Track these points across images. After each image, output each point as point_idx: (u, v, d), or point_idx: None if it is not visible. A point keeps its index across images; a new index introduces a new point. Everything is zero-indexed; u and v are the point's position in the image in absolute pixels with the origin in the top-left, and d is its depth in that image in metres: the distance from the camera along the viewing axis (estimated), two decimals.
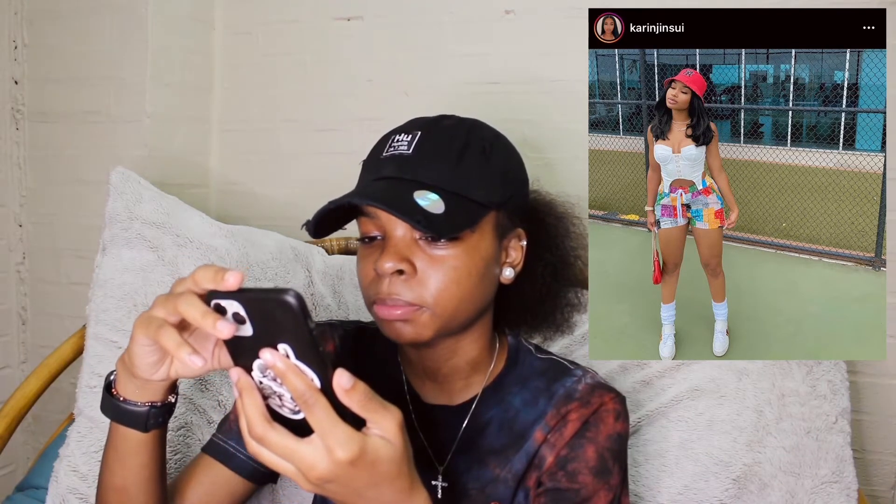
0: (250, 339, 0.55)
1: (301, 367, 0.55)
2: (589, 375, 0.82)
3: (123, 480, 0.73)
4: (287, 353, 0.54)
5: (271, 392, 0.57)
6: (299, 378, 0.54)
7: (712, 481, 1.05)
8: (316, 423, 0.55)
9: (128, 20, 1.54)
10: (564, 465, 0.77)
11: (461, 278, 0.73)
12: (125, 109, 1.57)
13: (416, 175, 0.73)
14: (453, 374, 0.82)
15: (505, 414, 0.82)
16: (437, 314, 0.73)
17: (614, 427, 0.79)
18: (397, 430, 0.58)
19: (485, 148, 0.76)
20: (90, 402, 1.12)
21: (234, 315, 0.55)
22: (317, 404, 0.54)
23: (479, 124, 0.80)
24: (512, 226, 0.80)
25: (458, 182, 0.73)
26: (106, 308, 1.16)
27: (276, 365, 0.54)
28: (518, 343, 0.87)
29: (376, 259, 0.73)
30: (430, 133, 0.75)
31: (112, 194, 1.21)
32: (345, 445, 0.55)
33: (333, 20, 1.60)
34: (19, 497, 1.18)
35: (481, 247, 0.75)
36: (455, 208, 0.71)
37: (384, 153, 0.76)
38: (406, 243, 0.73)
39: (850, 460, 1.07)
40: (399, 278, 0.72)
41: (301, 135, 1.64)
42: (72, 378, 1.22)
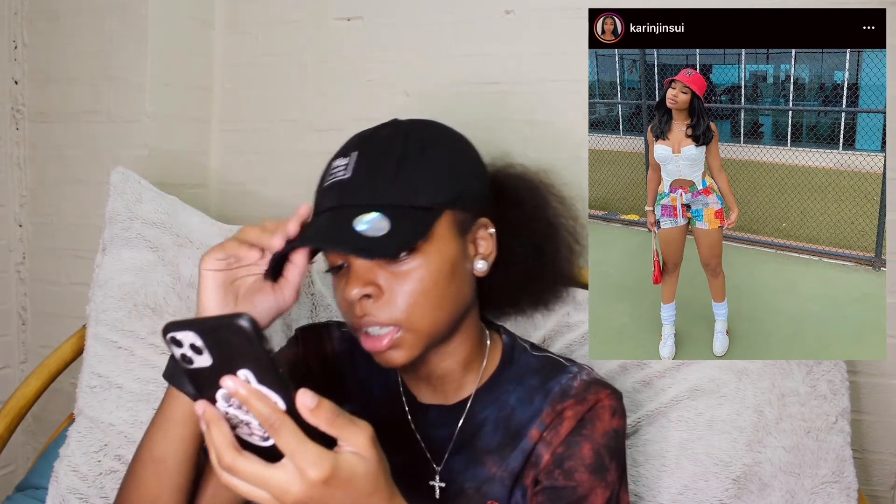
0: (210, 368, 0.55)
1: (264, 391, 0.54)
2: (585, 372, 0.82)
3: (163, 451, 0.73)
4: (248, 379, 0.54)
5: (239, 421, 0.56)
6: (263, 402, 0.53)
7: (712, 481, 1.05)
8: (284, 446, 0.54)
9: (128, 20, 1.54)
10: (561, 462, 0.77)
11: (428, 287, 0.72)
12: (125, 109, 1.57)
13: (356, 199, 0.72)
14: (447, 376, 0.81)
15: (500, 412, 0.81)
16: (416, 330, 0.72)
17: (610, 423, 0.78)
18: (369, 445, 0.57)
19: (423, 149, 0.75)
20: (90, 402, 1.12)
21: (191, 346, 0.54)
22: (283, 426, 0.54)
23: (417, 125, 0.78)
24: (473, 218, 0.77)
25: (399, 194, 0.72)
26: (106, 308, 1.16)
27: (238, 391, 0.53)
28: (513, 341, 0.86)
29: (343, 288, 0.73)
30: (366, 151, 0.74)
31: (112, 194, 1.21)
32: (316, 465, 0.54)
33: (333, 20, 1.60)
34: (19, 497, 1.18)
35: (442, 250, 0.73)
36: (400, 222, 0.70)
37: (325, 183, 0.75)
38: (367, 267, 0.72)
39: (850, 460, 1.07)
40: (368, 301, 0.72)
41: (301, 135, 1.64)
42: (72, 378, 1.22)
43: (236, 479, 0.56)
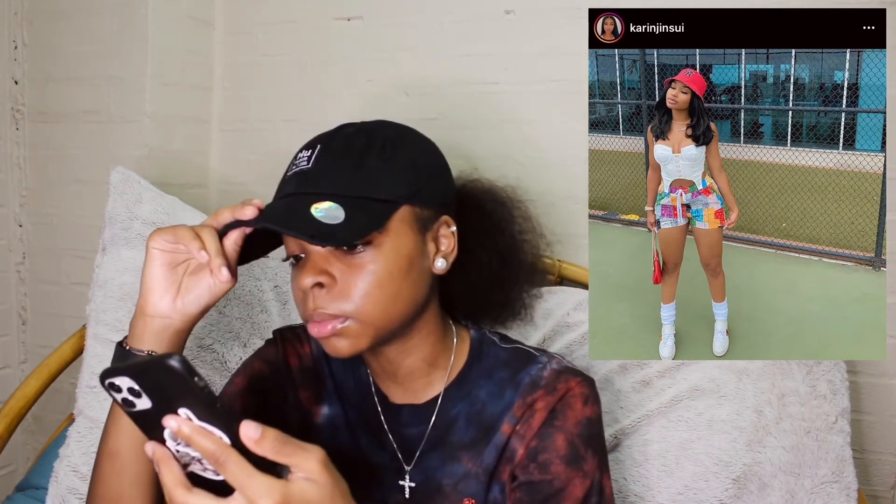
0: (151, 410, 0.55)
1: (206, 427, 0.54)
2: (555, 361, 0.81)
3: (117, 445, 0.74)
4: (189, 417, 0.54)
5: (190, 458, 0.57)
6: (206, 438, 0.54)
7: (712, 481, 1.05)
8: (232, 479, 0.54)
9: (128, 20, 1.54)
10: (535, 456, 0.77)
11: (382, 281, 0.72)
12: (125, 109, 1.57)
13: (315, 187, 0.72)
14: (412, 374, 0.81)
15: (471, 407, 0.81)
16: (365, 321, 0.72)
17: (583, 412, 0.78)
18: (321, 469, 0.57)
19: (384, 146, 0.75)
20: (90, 402, 1.12)
21: (129, 389, 0.55)
22: (228, 460, 0.54)
23: (381, 125, 0.79)
24: (435, 216, 0.77)
25: (358, 186, 0.72)
26: (106, 308, 1.16)
27: (181, 430, 0.54)
28: (481, 336, 0.85)
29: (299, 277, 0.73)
30: (329, 144, 0.75)
31: (112, 194, 1.21)
32: (266, 495, 0.54)
33: (333, 20, 1.60)
34: (19, 497, 1.18)
35: (399, 244, 0.73)
36: (356, 213, 0.70)
37: (289, 172, 0.76)
38: (323, 256, 0.72)
39: (849, 460, 1.07)
40: (321, 291, 0.72)
41: (301, 135, 1.60)
42: (72, 378, 1.22)
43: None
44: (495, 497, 0.78)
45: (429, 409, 0.82)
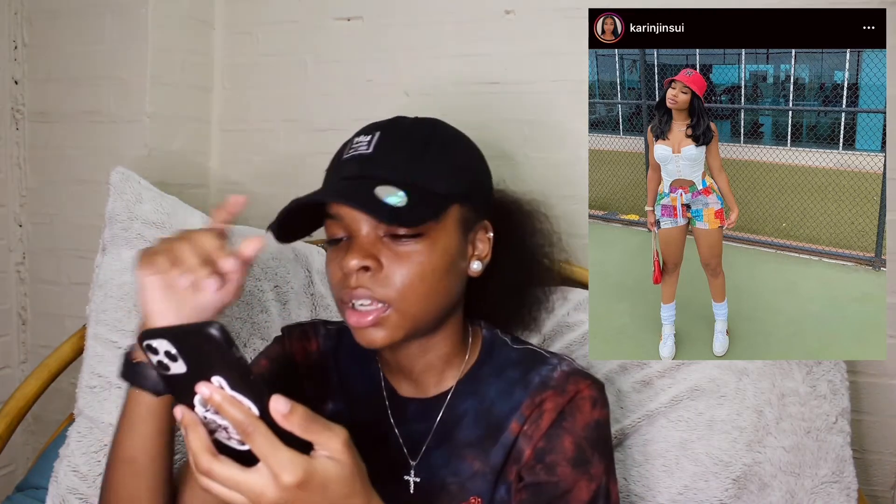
0: (186, 375, 0.56)
1: (237, 396, 0.55)
2: (565, 363, 0.82)
3: (133, 450, 0.73)
4: (222, 385, 0.55)
5: (217, 426, 0.57)
6: (236, 408, 0.54)
7: (712, 481, 1.05)
8: (258, 451, 0.55)
9: (128, 20, 1.54)
10: (542, 457, 0.77)
11: (426, 273, 0.73)
12: (125, 109, 1.57)
13: (378, 172, 0.74)
14: (427, 371, 0.82)
15: (480, 405, 0.81)
16: (404, 311, 0.73)
17: (591, 415, 0.78)
18: (344, 449, 0.58)
19: (444, 142, 0.78)
20: (90, 402, 1.12)
21: (166, 353, 0.55)
22: (256, 431, 0.54)
23: (439, 122, 0.81)
24: (477, 218, 0.80)
25: (419, 175, 0.74)
26: (106, 308, 1.16)
27: (212, 397, 0.54)
28: (493, 335, 0.86)
29: (342, 259, 0.73)
30: (390, 132, 0.77)
31: (112, 194, 1.21)
32: (290, 470, 0.55)
33: (333, 20, 1.60)
34: (19, 497, 1.18)
35: (446, 241, 0.75)
36: (417, 201, 0.72)
37: (345, 154, 0.77)
38: (371, 241, 0.73)
39: (849, 460, 1.07)
40: (365, 275, 0.73)
41: (301, 135, 1.64)
42: (72, 378, 1.22)
43: (212, 483, 0.57)
44: (501, 497, 0.78)
45: (437, 405, 0.82)
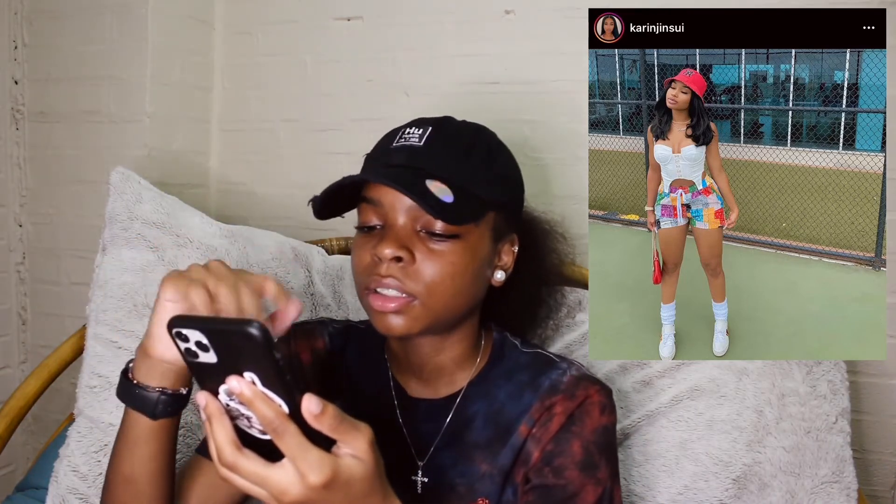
0: (215, 365, 0.55)
1: (268, 393, 0.54)
2: (574, 368, 0.82)
3: (132, 470, 0.73)
4: (253, 381, 0.54)
5: (239, 413, 0.57)
6: (267, 405, 0.54)
7: (712, 481, 1.05)
8: (287, 450, 0.55)
9: (128, 20, 1.54)
10: (550, 460, 0.77)
11: (456, 274, 0.74)
12: (125, 109, 1.57)
13: (427, 165, 0.75)
14: (438, 371, 0.82)
15: (490, 407, 0.82)
16: (429, 307, 0.74)
17: (600, 420, 0.79)
18: (368, 448, 0.58)
19: (490, 149, 0.80)
20: (90, 402, 1.12)
21: (197, 343, 0.55)
22: (286, 431, 0.54)
23: (484, 128, 0.83)
24: (508, 230, 0.82)
25: (465, 177, 0.75)
26: (106, 308, 1.16)
27: (243, 393, 0.54)
28: (503, 338, 0.87)
29: (374, 245, 0.74)
30: (441, 129, 0.78)
31: (112, 194, 1.20)
32: (317, 470, 0.55)
33: (333, 20, 1.60)
34: (19, 497, 1.18)
35: (478, 246, 0.76)
36: (462, 201, 0.73)
37: (395, 143, 0.78)
38: (407, 233, 0.74)
39: (849, 460, 1.07)
40: (397, 265, 0.73)
41: (301, 135, 1.64)
42: (72, 378, 1.22)
43: (236, 476, 0.56)
44: (508, 498, 0.79)
45: (447, 406, 0.83)
